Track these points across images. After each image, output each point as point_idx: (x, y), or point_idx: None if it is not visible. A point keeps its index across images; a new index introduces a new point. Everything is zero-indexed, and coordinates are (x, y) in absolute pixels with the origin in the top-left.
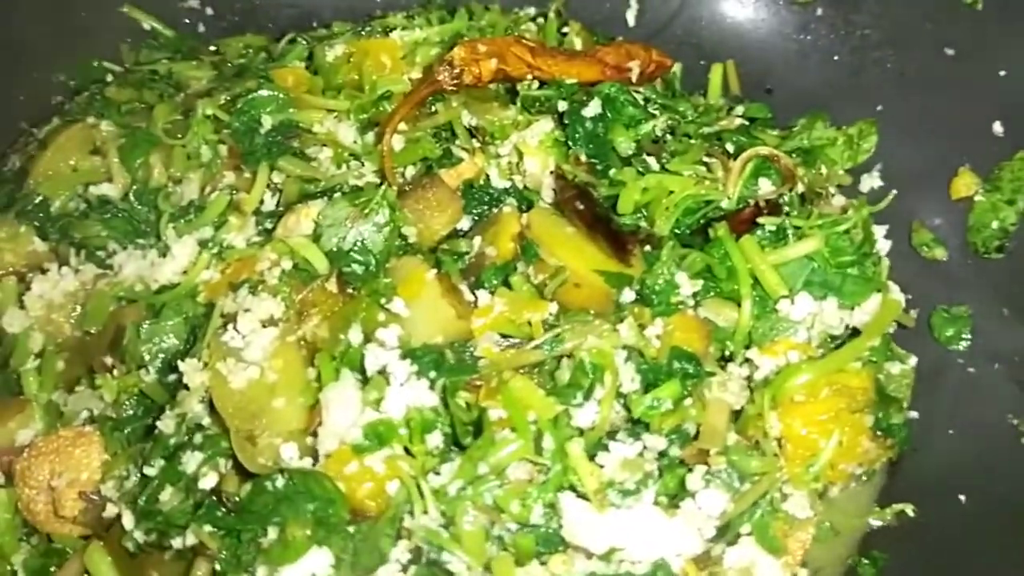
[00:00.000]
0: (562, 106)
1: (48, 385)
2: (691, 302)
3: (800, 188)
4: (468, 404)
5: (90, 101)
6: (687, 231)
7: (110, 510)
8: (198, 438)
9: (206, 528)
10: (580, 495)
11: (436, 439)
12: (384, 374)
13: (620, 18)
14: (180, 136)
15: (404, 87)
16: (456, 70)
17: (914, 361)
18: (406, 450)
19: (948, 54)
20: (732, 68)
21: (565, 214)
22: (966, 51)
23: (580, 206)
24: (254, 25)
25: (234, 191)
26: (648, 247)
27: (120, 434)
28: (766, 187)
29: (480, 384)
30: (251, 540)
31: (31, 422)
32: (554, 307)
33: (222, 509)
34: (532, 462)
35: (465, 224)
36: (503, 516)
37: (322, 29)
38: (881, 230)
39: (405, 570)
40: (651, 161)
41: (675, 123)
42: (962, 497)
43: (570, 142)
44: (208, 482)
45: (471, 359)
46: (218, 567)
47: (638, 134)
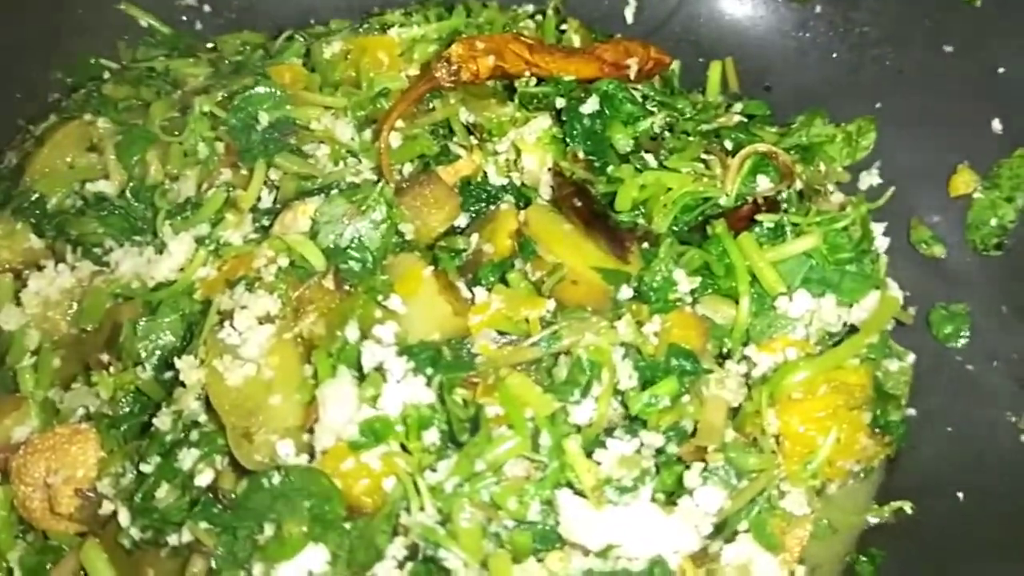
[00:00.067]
0: (560, 103)
1: (44, 382)
2: (689, 299)
3: (798, 185)
4: (465, 401)
5: (87, 98)
6: (685, 228)
7: (106, 507)
8: (194, 435)
9: (202, 525)
10: (577, 492)
11: (433, 436)
12: (381, 371)
13: (618, 15)
14: (177, 133)
15: (401, 84)
16: (454, 67)
17: (912, 358)
18: (403, 447)
19: (947, 51)
20: (731, 65)
21: (563, 211)
22: (965, 48)
23: (578, 203)
24: (251, 22)
25: (231, 188)
26: (646, 244)
27: (116, 431)
28: (764, 184)
29: (477, 381)
30: (247, 537)
31: (27, 419)
32: (551, 304)
33: (218, 506)
34: (529, 459)
35: (462, 221)
36: (500, 513)
37: (320, 26)
38: (880, 227)
39: (401, 567)
40: (649, 158)
41: (673, 120)
42: (960, 494)
43: (568, 139)
44: (204, 479)
45: (468, 356)
46: (214, 564)
47: (636, 131)
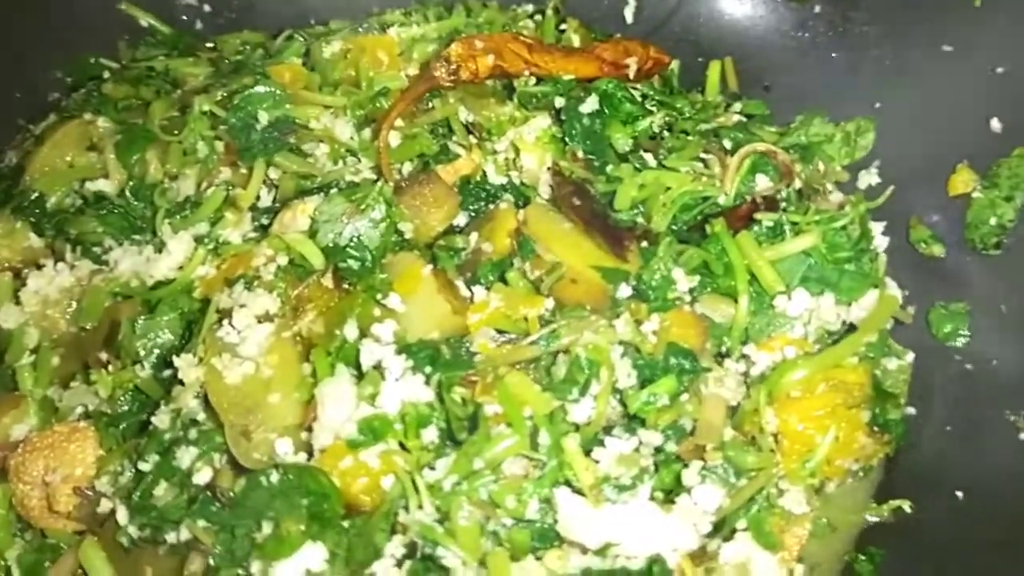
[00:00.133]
0: (559, 102)
1: (43, 381)
2: (688, 298)
3: (797, 184)
4: (464, 399)
5: (87, 97)
6: (684, 227)
7: (104, 505)
8: (193, 433)
9: (200, 523)
10: (576, 490)
11: (431, 434)
12: (379, 369)
13: (618, 15)
14: (177, 132)
15: (401, 83)
16: (453, 66)
17: (911, 357)
18: (401, 445)
19: (946, 51)
20: (730, 65)
21: (562, 210)
22: (964, 48)
23: (577, 202)
24: (251, 22)
25: (230, 187)
26: (645, 243)
27: (115, 429)
28: (763, 183)
29: (476, 379)
30: (245, 535)
31: (26, 417)
32: (550, 303)
33: (216, 504)
34: (528, 457)
35: (462, 220)
36: (498, 511)
37: (319, 26)
38: (879, 226)
39: (399, 565)
40: (648, 157)
41: (672, 120)
42: (959, 493)
43: (567, 138)
44: (202, 477)
45: (467, 354)
46: (212, 562)
47: (635, 130)
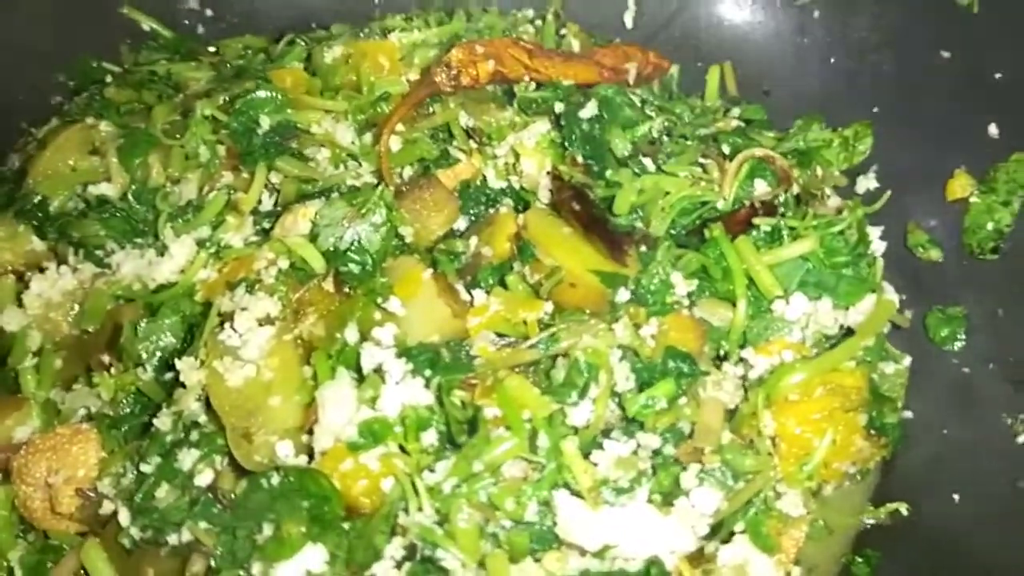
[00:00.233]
0: (559, 107)
1: (46, 383)
2: (686, 302)
3: (795, 189)
4: (463, 402)
5: (89, 101)
6: (683, 232)
7: (106, 507)
8: (194, 436)
9: (202, 525)
10: (574, 493)
11: (431, 437)
12: (380, 372)
13: (618, 20)
14: (179, 136)
15: (402, 88)
16: (454, 71)
17: (908, 361)
18: (401, 448)
19: (944, 56)
20: (729, 70)
21: (561, 214)
22: (962, 54)
23: (576, 207)
24: (253, 26)
25: (232, 191)
26: (644, 247)
27: (117, 432)
28: (762, 188)
29: (475, 383)
30: (247, 537)
31: (28, 420)
32: (550, 307)
33: (218, 506)
34: (527, 460)
35: (462, 224)
36: (497, 513)
37: (321, 31)
38: (877, 231)
39: (399, 567)
40: (647, 162)
41: (671, 124)
42: (955, 496)
43: (567, 143)
44: (204, 479)
45: (467, 358)
46: (213, 564)
47: (634, 135)
